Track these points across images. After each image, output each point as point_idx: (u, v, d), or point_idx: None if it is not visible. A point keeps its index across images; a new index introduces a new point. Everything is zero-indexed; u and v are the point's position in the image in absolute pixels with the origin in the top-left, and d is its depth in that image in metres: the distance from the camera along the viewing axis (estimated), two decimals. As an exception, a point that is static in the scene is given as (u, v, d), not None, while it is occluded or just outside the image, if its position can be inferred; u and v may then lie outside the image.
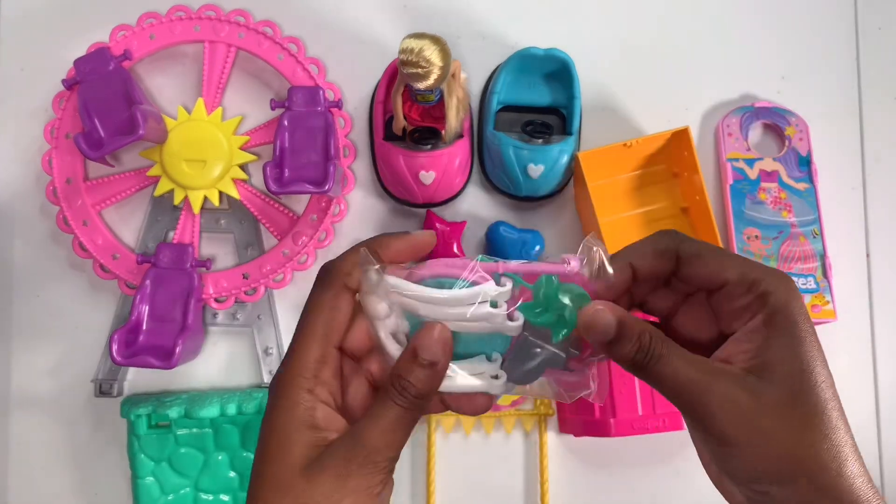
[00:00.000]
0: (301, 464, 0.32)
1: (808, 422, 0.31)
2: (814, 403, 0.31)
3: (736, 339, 0.34)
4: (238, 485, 0.64)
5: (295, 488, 0.32)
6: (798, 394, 0.31)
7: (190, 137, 0.63)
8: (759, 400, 0.31)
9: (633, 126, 0.69)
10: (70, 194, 0.63)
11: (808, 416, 0.31)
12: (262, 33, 0.65)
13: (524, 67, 0.65)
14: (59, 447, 0.66)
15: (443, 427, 0.66)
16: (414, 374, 0.33)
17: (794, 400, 0.31)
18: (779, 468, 0.31)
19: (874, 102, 0.71)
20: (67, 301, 0.66)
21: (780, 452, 0.31)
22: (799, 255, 0.65)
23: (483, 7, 0.70)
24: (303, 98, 0.62)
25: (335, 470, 0.32)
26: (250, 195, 0.65)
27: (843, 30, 0.72)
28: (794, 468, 0.31)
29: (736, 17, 0.71)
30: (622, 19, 0.71)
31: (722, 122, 0.68)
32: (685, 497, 0.67)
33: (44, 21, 0.68)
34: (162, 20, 0.65)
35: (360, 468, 0.32)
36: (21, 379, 0.66)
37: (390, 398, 0.33)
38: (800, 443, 0.31)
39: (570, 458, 0.67)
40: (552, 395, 0.35)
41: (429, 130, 0.62)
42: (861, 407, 0.68)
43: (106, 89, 0.60)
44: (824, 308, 0.64)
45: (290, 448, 0.33)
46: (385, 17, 0.69)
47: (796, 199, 0.66)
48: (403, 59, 0.54)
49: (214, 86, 0.66)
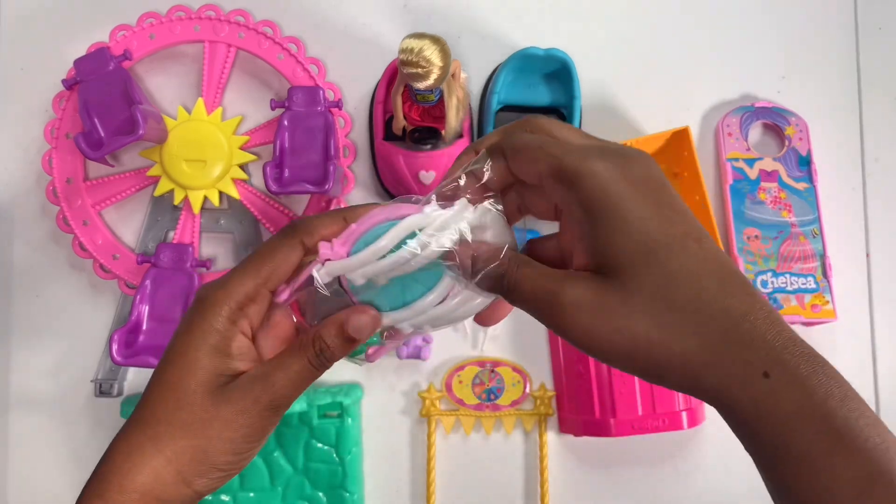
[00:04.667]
0: (205, 385, 0.33)
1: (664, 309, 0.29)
2: (662, 286, 0.29)
3: (570, 239, 0.32)
4: (238, 485, 0.64)
5: (193, 406, 0.33)
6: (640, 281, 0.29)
7: (190, 137, 0.63)
8: (603, 300, 0.29)
9: (633, 126, 0.69)
10: (70, 194, 0.63)
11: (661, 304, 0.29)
12: (262, 33, 0.65)
13: (524, 67, 0.65)
14: (58, 447, 0.66)
15: (443, 427, 0.66)
16: (334, 342, 0.34)
17: (638, 292, 0.29)
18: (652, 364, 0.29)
19: (874, 102, 0.71)
20: (67, 301, 0.66)
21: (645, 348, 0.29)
22: (799, 255, 0.65)
23: (483, 7, 0.70)
24: (303, 98, 0.62)
25: (240, 405, 0.33)
26: (250, 195, 0.65)
27: (843, 30, 0.72)
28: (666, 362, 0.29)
29: (736, 17, 0.71)
30: (622, 19, 0.71)
31: (722, 122, 0.68)
32: (685, 497, 0.67)
33: (44, 21, 0.68)
34: (162, 20, 0.65)
35: (265, 409, 0.34)
36: (21, 379, 0.66)
37: (306, 355, 0.34)
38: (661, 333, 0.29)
39: (570, 458, 0.67)
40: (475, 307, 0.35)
41: (429, 130, 0.62)
42: (861, 407, 0.68)
43: (106, 89, 0.60)
44: (824, 308, 0.64)
45: (198, 367, 0.34)
46: (385, 17, 0.69)
47: (796, 199, 0.66)
48: (403, 59, 0.54)
49: (214, 86, 0.66)
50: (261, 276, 0.35)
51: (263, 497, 0.64)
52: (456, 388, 0.66)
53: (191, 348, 0.34)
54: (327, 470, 0.64)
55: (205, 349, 0.34)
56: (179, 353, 0.34)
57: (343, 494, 0.64)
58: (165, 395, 0.34)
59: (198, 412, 0.33)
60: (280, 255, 0.35)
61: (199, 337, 0.34)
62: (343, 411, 0.63)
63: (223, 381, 0.34)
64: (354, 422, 0.64)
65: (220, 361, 0.34)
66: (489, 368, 0.66)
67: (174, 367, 0.34)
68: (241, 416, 0.33)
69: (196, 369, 0.34)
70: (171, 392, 0.34)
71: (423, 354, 0.65)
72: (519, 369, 0.66)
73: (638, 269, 0.29)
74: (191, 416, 0.33)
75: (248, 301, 0.35)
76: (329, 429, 0.63)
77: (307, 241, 0.35)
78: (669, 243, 0.29)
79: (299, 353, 0.34)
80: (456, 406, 0.66)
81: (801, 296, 0.64)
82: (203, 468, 0.34)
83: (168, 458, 0.33)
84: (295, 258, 0.35)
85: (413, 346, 0.64)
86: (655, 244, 0.29)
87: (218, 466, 0.34)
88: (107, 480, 0.33)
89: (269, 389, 0.34)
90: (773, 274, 0.64)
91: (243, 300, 0.34)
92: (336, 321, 0.34)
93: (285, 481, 0.64)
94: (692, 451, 0.67)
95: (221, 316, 0.34)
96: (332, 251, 0.34)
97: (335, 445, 0.64)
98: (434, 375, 0.67)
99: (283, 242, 0.35)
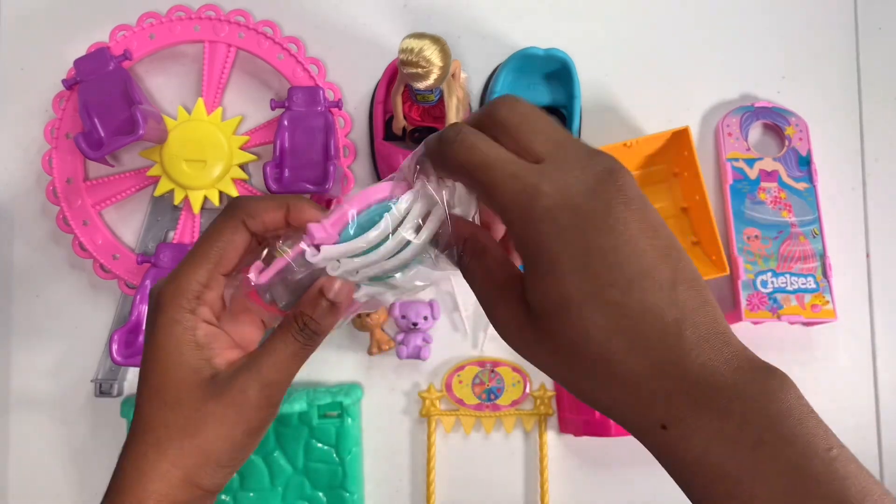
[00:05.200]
0: (188, 382, 0.33)
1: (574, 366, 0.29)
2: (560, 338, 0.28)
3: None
4: (238, 485, 0.64)
5: (184, 406, 0.33)
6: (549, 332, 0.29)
7: (190, 137, 0.63)
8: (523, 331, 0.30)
9: (633, 126, 0.69)
10: (70, 194, 0.63)
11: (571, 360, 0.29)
12: (262, 33, 0.65)
13: (524, 67, 0.65)
14: (58, 447, 0.66)
15: (443, 427, 0.66)
16: (317, 312, 0.34)
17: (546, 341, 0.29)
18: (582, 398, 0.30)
19: (874, 102, 0.71)
20: (67, 301, 0.66)
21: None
22: (799, 255, 0.65)
23: (483, 7, 0.70)
24: (303, 98, 0.62)
25: (229, 398, 0.33)
26: (250, 195, 0.65)
27: (843, 30, 0.72)
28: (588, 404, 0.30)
29: (736, 17, 0.71)
30: (622, 19, 0.71)
31: (722, 122, 0.68)
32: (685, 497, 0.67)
33: (44, 21, 0.68)
34: (162, 20, 0.65)
35: (256, 399, 0.33)
36: (21, 379, 0.66)
37: (290, 333, 0.34)
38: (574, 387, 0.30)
39: (570, 458, 0.67)
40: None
41: (429, 130, 0.62)
42: (861, 407, 0.68)
43: (106, 89, 0.60)
44: (824, 308, 0.64)
45: (175, 366, 0.34)
46: (385, 17, 0.69)
47: (796, 199, 0.66)
48: (403, 59, 0.54)
49: (214, 86, 0.66)
50: (210, 261, 0.34)
51: (263, 497, 0.64)
52: (456, 388, 0.66)
53: (162, 349, 0.34)
54: (327, 470, 0.64)
55: (176, 346, 0.34)
56: (154, 358, 0.34)
57: (343, 494, 0.64)
58: (154, 401, 0.34)
59: (189, 412, 0.33)
60: (225, 237, 0.35)
61: (166, 336, 0.34)
62: (343, 411, 0.63)
63: (207, 375, 0.34)
64: (354, 422, 0.64)
65: (193, 355, 0.34)
66: (489, 368, 0.66)
67: (154, 372, 0.34)
68: (233, 409, 0.33)
69: (174, 369, 0.34)
70: (158, 396, 0.34)
71: (423, 354, 0.65)
72: (519, 369, 0.66)
73: (552, 322, 0.28)
74: (184, 417, 0.33)
75: (202, 289, 0.34)
76: (329, 429, 0.63)
77: (250, 223, 0.35)
78: (583, 299, 0.27)
79: (283, 333, 0.34)
80: (456, 406, 0.66)
81: (801, 296, 0.64)
82: (207, 467, 0.34)
83: (172, 462, 0.33)
84: (240, 239, 0.35)
85: (413, 346, 0.64)
86: (569, 300, 0.28)
87: (221, 463, 0.34)
88: (122, 493, 0.33)
89: (256, 377, 0.34)
90: (773, 274, 0.64)
91: (198, 289, 0.34)
92: (313, 291, 0.34)
93: (285, 481, 0.64)
94: (692, 451, 0.67)
95: (181, 309, 0.34)
96: (325, 232, 0.33)
97: (335, 445, 0.64)
98: (434, 375, 0.67)
99: (226, 225, 0.35)
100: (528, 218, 0.28)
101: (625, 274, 0.28)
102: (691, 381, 0.27)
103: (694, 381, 0.27)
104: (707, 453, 0.27)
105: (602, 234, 0.28)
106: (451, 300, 0.67)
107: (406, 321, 0.64)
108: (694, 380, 0.27)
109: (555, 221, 0.28)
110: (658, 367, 0.27)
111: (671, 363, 0.27)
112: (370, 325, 0.65)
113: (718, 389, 0.27)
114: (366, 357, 0.66)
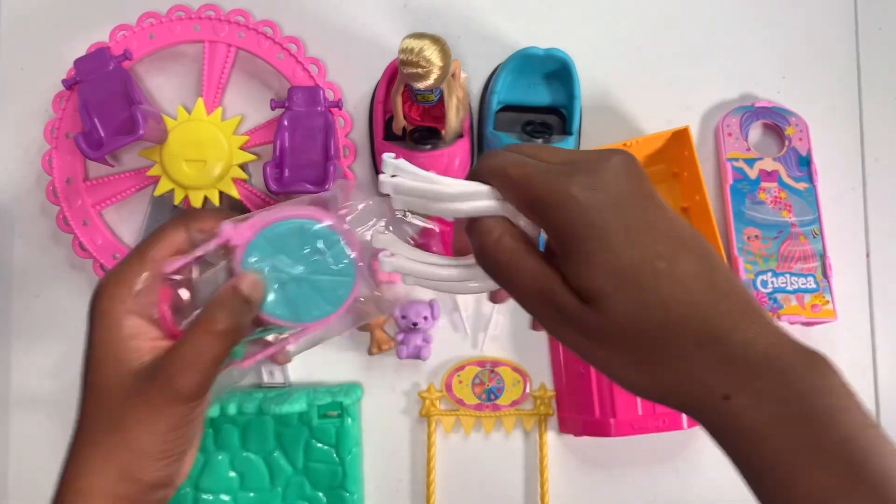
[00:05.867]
0: (116, 377, 0.34)
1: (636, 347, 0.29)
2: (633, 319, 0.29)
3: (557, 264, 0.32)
4: (238, 485, 0.64)
5: (111, 401, 0.34)
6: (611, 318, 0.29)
7: (190, 137, 0.63)
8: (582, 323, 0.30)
9: (633, 126, 0.69)
10: (70, 194, 0.63)
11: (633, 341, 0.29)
12: (262, 33, 0.65)
13: (524, 67, 0.65)
14: (58, 447, 0.65)
15: (443, 427, 0.66)
16: (229, 306, 0.34)
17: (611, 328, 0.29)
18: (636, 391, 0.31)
19: (874, 102, 0.71)
20: (67, 301, 0.66)
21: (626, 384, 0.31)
22: (799, 255, 0.65)
23: (483, 7, 0.70)
24: (303, 98, 0.62)
25: (146, 396, 0.34)
26: (250, 195, 0.65)
27: (843, 30, 0.72)
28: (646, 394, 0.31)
29: (736, 17, 0.71)
30: (622, 19, 0.71)
31: (722, 121, 0.68)
32: (685, 497, 0.67)
33: (44, 21, 0.68)
34: (162, 20, 0.65)
35: (171, 397, 0.34)
36: (21, 379, 0.66)
37: (201, 329, 0.34)
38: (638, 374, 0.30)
39: (570, 458, 0.67)
40: None
41: (429, 130, 0.62)
42: (861, 407, 0.68)
43: (106, 89, 0.60)
44: (824, 308, 0.64)
45: (104, 360, 0.35)
46: (385, 17, 0.69)
47: (796, 199, 0.66)
48: (403, 59, 0.54)
49: (214, 86, 0.66)
50: (146, 256, 0.35)
51: (263, 497, 0.64)
52: (456, 388, 0.66)
53: (94, 344, 0.35)
54: (327, 470, 0.64)
55: (105, 338, 0.34)
56: (90, 353, 0.35)
57: (343, 494, 0.64)
58: (89, 396, 0.35)
59: (115, 407, 0.34)
60: (165, 237, 0.36)
61: (97, 328, 0.35)
62: (343, 411, 0.63)
63: (133, 368, 0.34)
64: (354, 422, 0.64)
65: (120, 346, 0.34)
66: (489, 368, 0.66)
67: (89, 367, 0.35)
68: (150, 404, 0.33)
69: (104, 363, 0.34)
70: (91, 391, 0.35)
71: (423, 354, 0.65)
72: (519, 369, 0.66)
73: (609, 301, 0.29)
74: (111, 412, 0.34)
75: (134, 281, 0.35)
76: (329, 429, 0.63)
77: (191, 226, 0.36)
78: (637, 272, 0.29)
79: (193, 330, 0.34)
80: (456, 406, 0.66)
81: (801, 296, 0.64)
82: (139, 460, 0.34)
83: (105, 456, 0.34)
84: (179, 239, 0.36)
85: (413, 347, 0.64)
86: (624, 274, 0.29)
87: (153, 456, 0.34)
88: (65, 488, 0.34)
89: (165, 376, 0.34)
90: (773, 274, 0.64)
91: (131, 282, 0.35)
92: (226, 288, 0.35)
93: (285, 481, 0.64)
94: (692, 451, 0.67)
95: (112, 300, 0.35)
96: (234, 232, 0.35)
97: (335, 445, 0.64)
98: (434, 375, 0.67)
99: (168, 226, 0.37)
100: (567, 202, 0.29)
101: (669, 246, 0.29)
102: (740, 354, 0.28)
103: (742, 354, 0.28)
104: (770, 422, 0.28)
105: (640, 210, 0.29)
106: (451, 300, 0.67)
107: (406, 321, 0.64)
108: (742, 354, 0.28)
109: (593, 201, 0.29)
110: (714, 338, 0.28)
111: (724, 334, 0.29)
112: (370, 325, 0.65)
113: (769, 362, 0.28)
114: (366, 357, 0.66)
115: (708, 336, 0.28)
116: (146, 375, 0.34)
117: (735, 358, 0.28)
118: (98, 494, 0.33)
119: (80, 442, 0.35)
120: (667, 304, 0.28)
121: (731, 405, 0.28)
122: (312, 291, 0.35)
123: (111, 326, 0.34)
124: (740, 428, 0.28)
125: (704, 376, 0.29)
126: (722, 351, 0.28)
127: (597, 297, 0.29)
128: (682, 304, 0.29)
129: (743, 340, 0.28)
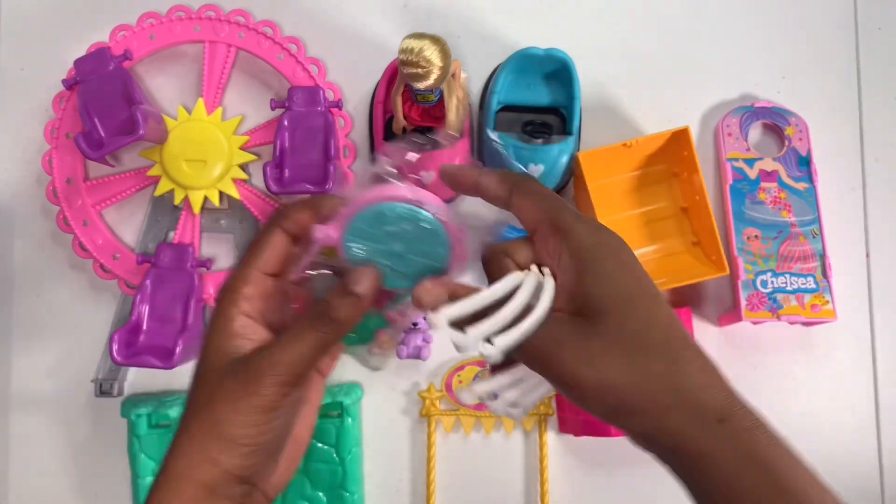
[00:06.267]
0: (215, 364, 0.36)
1: (639, 351, 0.33)
2: (639, 331, 0.33)
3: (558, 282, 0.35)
4: (238, 485, 0.64)
5: (206, 386, 0.36)
6: (621, 326, 0.33)
7: (190, 137, 0.63)
8: (586, 341, 0.33)
9: (633, 126, 0.69)
10: (70, 194, 0.63)
11: (637, 346, 0.33)
12: (262, 33, 0.65)
13: (524, 67, 0.65)
14: (59, 447, 0.66)
15: (443, 427, 0.66)
16: (336, 300, 0.36)
17: (618, 334, 0.33)
18: (622, 403, 0.33)
19: (874, 102, 0.71)
20: (67, 301, 0.66)
21: (619, 387, 0.33)
22: (799, 255, 0.65)
23: (483, 7, 0.70)
24: (303, 98, 0.62)
25: (244, 376, 0.35)
26: (250, 195, 0.65)
27: (843, 30, 0.72)
28: (635, 401, 0.32)
29: (736, 17, 0.71)
30: (622, 19, 0.71)
31: (722, 122, 0.68)
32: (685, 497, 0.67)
33: (44, 21, 0.68)
34: (162, 20, 0.65)
35: (268, 378, 0.35)
36: (21, 379, 0.66)
37: (308, 319, 0.36)
38: (634, 373, 0.32)
39: (570, 458, 0.67)
40: None
41: (429, 130, 0.62)
42: (861, 407, 0.67)
43: (106, 89, 0.60)
44: (824, 308, 0.64)
45: (210, 351, 0.37)
46: (385, 17, 0.69)
47: (796, 199, 0.66)
48: (403, 59, 0.54)
49: (214, 86, 0.66)
50: (251, 261, 0.38)
51: (263, 497, 0.64)
52: (456, 388, 0.66)
53: (207, 337, 0.37)
54: (327, 470, 0.64)
55: (216, 334, 0.37)
56: (203, 345, 0.37)
57: (343, 494, 0.64)
58: (194, 383, 0.37)
59: (209, 390, 0.36)
60: (264, 241, 0.38)
61: (212, 325, 0.37)
62: (343, 411, 0.63)
63: (233, 358, 0.36)
64: (354, 422, 0.64)
65: (226, 341, 0.36)
66: (489, 368, 0.66)
67: (200, 357, 0.37)
68: (245, 386, 0.35)
69: (210, 354, 0.37)
70: (195, 380, 0.37)
71: (423, 354, 0.65)
72: (519, 369, 0.66)
73: (618, 316, 0.33)
74: (204, 395, 0.36)
75: (244, 286, 0.37)
76: (329, 429, 0.63)
77: (285, 226, 0.38)
78: (643, 296, 0.34)
79: (302, 320, 0.36)
80: (456, 406, 0.66)
81: (800, 296, 0.64)
82: (220, 442, 0.35)
83: (192, 438, 0.35)
84: (277, 241, 0.38)
85: (413, 347, 0.64)
86: (633, 295, 0.33)
87: (234, 440, 0.35)
88: (157, 476, 0.35)
89: (268, 356, 0.35)
90: (773, 274, 0.64)
91: (241, 286, 0.37)
92: (339, 283, 0.37)
93: (285, 481, 0.64)
94: (692, 451, 0.67)
95: (226, 302, 0.37)
96: (324, 233, 0.36)
97: (335, 445, 0.64)
98: (434, 375, 0.67)
99: (266, 229, 0.39)
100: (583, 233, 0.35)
101: (654, 286, 0.35)
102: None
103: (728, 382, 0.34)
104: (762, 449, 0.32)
105: (630, 258, 0.35)
106: (451, 300, 0.67)
107: (406, 321, 0.64)
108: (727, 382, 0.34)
109: (603, 242, 0.35)
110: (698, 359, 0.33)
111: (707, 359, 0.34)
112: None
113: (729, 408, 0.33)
114: (366, 357, 0.66)
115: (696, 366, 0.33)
116: (243, 359, 0.36)
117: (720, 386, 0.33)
118: (183, 478, 0.35)
119: (180, 426, 0.36)
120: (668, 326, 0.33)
121: (724, 429, 0.32)
122: (420, 258, 0.38)
123: (222, 324, 0.37)
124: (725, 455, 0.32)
125: (700, 397, 0.32)
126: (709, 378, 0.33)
127: (606, 313, 0.33)
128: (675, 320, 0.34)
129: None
